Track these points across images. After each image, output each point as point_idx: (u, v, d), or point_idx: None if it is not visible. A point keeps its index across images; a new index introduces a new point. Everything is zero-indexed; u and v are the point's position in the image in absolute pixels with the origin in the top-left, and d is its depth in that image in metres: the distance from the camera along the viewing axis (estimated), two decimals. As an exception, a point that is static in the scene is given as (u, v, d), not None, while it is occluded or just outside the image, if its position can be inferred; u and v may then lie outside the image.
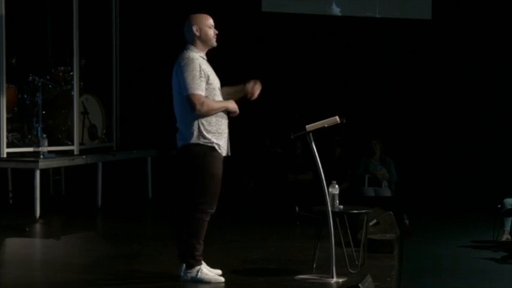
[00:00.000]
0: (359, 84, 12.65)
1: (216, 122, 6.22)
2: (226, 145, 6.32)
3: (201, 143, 6.17)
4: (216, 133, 6.22)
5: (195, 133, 6.18)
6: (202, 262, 6.31)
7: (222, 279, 6.30)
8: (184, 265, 6.33)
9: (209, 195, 6.20)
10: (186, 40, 6.33)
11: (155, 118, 11.77)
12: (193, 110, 6.14)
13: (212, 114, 6.20)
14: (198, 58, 6.20)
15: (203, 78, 6.14)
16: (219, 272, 6.43)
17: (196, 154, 6.19)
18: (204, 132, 6.17)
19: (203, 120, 6.17)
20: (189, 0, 12.25)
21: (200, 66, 6.15)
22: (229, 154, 6.37)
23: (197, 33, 6.29)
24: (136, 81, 12.08)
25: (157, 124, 11.58)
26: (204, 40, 6.30)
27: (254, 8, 12.61)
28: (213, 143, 6.19)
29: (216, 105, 6.22)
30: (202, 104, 6.12)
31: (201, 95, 6.12)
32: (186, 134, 6.21)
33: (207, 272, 6.26)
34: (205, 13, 6.46)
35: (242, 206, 11.01)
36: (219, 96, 6.28)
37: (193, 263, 6.23)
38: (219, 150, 6.23)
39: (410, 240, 9.48)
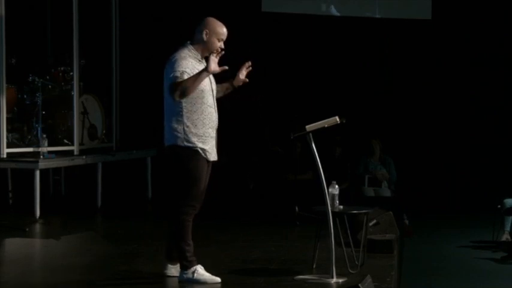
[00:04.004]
0: (359, 84, 12.64)
1: (203, 126, 6.18)
2: (213, 150, 6.29)
3: (185, 146, 6.15)
4: (203, 137, 6.19)
5: (180, 135, 6.15)
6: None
7: (218, 279, 6.30)
8: (168, 265, 6.41)
9: (191, 198, 6.20)
10: (193, 36, 6.29)
11: (155, 118, 11.75)
12: (172, 98, 6.07)
13: (191, 91, 6.05)
14: (189, 58, 6.17)
15: (186, 73, 6.07)
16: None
17: (180, 156, 6.18)
18: (189, 136, 6.15)
19: (188, 123, 6.13)
20: (190, 1, 12.30)
21: (186, 64, 6.10)
22: (216, 159, 6.34)
23: (204, 37, 6.24)
24: (136, 81, 12.09)
25: (157, 124, 11.56)
26: (206, 47, 6.25)
27: (254, 8, 12.60)
28: (197, 147, 6.16)
29: (190, 79, 6.03)
30: (175, 86, 6.01)
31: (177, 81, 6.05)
32: (171, 135, 6.20)
33: (203, 272, 6.27)
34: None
35: (242, 206, 11.01)
36: (207, 99, 6.23)
37: (187, 264, 6.25)
38: (203, 155, 6.20)
39: (410, 240, 9.48)
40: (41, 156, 9.79)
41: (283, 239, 8.41)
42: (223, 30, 6.29)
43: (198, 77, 6.08)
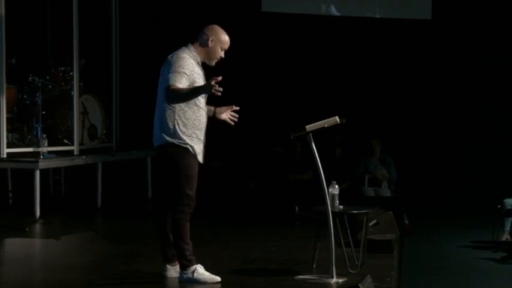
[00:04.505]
0: (359, 84, 12.64)
1: (192, 126, 6.19)
2: (201, 152, 6.29)
3: (176, 143, 6.17)
4: (191, 136, 6.19)
5: (171, 132, 6.17)
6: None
7: (218, 278, 6.29)
8: (167, 266, 6.41)
9: (185, 197, 6.19)
10: (196, 38, 6.31)
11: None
12: (166, 102, 6.12)
13: (184, 100, 6.11)
14: (189, 58, 6.18)
15: (185, 75, 6.10)
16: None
17: (170, 154, 6.19)
18: (179, 133, 6.16)
19: (179, 121, 6.15)
20: (190, 1, 12.29)
21: (186, 65, 6.12)
22: (202, 163, 6.34)
23: (209, 44, 6.26)
24: (136, 81, 12.09)
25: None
26: (208, 53, 6.28)
27: (254, 8, 12.61)
28: (187, 144, 6.17)
29: (186, 90, 6.09)
30: (172, 93, 6.06)
31: (175, 85, 6.07)
32: (161, 132, 6.21)
33: (203, 271, 6.27)
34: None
35: (242, 206, 11.01)
36: (201, 101, 6.24)
37: (187, 263, 6.25)
38: (193, 152, 6.20)
39: (410, 240, 9.48)
40: (41, 156, 9.79)
41: (283, 239, 8.40)
42: (227, 40, 6.33)
43: (196, 92, 6.12)
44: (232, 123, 6.56)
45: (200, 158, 6.28)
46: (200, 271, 6.25)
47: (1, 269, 7.10)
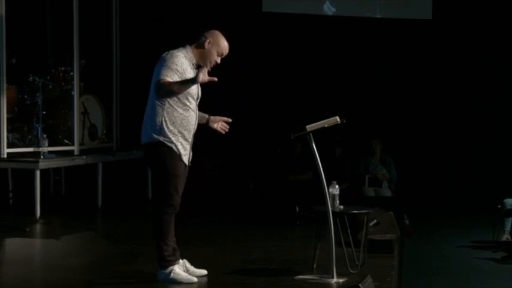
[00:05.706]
0: (359, 84, 12.65)
1: (180, 125, 6.18)
2: (187, 153, 6.27)
3: (161, 140, 6.15)
4: (177, 135, 6.17)
5: (157, 129, 6.16)
6: (181, 261, 6.32)
7: (195, 279, 6.26)
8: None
9: (169, 196, 6.17)
10: (194, 40, 6.31)
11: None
12: (156, 95, 6.12)
13: (173, 93, 6.08)
14: (183, 57, 6.17)
15: (178, 73, 6.09)
16: (204, 272, 6.44)
17: (155, 153, 6.20)
18: (165, 130, 6.14)
19: (167, 118, 6.14)
20: (190, 1, 12.29)
21: (180, 63, 6.11)
22: (190, 165, 6.32)
23: (206, 45, 6.24)
24: (136, 81, 12.07)
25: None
26: (204, 55, 6.24)
27: (254, 8, 12.61)
28: (172, 142, 6.15)
29: (174, 82, 6.06)
30: (161, 85, 6.04)
31: (165, 79, 6.06)
32: (149, 130, 6.23)
33: (180, 272, 6.25)
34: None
35: (242, 206, 11.01)
36: (191, 102, 6.23)
37: (165, 264, 6.24)
38: (177, 152, 6.18)
39: (410, 240, 9.49)
40: (41, 156, 9.79)
41: (283, 239, 8.40)
42: (225, 45, 6.29)
43: (184, 84, 6.09)
44: (223, 133, 6.56)
45: (185, 159, 6.24)
46: (177, 271, 6.23)
47: (1, 269, 7.10)
